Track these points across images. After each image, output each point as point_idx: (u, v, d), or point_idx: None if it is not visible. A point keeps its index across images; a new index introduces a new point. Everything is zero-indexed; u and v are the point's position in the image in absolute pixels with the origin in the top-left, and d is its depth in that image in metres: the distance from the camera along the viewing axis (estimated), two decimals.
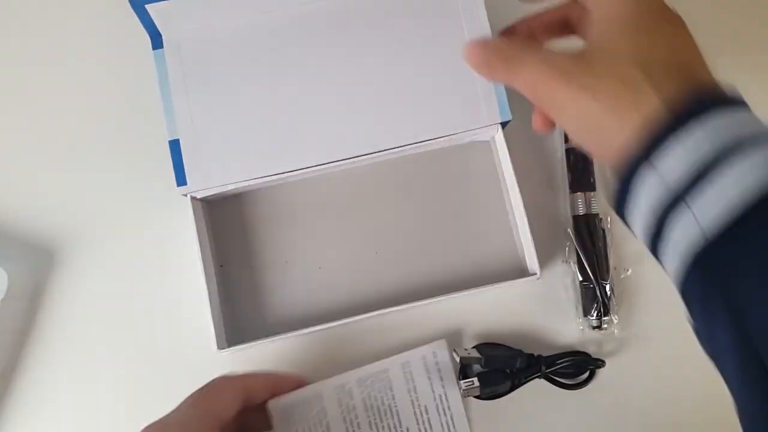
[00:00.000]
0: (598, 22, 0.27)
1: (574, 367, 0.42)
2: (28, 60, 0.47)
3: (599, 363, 0.42)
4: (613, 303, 0.42)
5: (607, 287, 0.42)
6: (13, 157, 0.46)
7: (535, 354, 0.42)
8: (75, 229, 0.45)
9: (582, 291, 0.43)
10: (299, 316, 0.43)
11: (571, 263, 0.43)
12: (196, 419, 0.33)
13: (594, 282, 0.42)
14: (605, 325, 0.42)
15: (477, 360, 0.41)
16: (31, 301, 0.44)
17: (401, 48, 0.42)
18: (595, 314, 0.42)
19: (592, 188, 0.44)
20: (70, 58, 0.47)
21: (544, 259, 0.42)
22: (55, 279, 0.44)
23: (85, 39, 0.47)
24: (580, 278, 0.43)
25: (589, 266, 0.42)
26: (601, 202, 0.44)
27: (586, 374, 0.42)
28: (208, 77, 0.42)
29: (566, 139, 0.45)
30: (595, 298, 0.42)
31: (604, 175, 0.44)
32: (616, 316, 0.43)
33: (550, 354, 0.42)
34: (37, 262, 0.44)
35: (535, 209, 0.42)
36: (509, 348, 0.42)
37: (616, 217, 0.42)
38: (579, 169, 0.44)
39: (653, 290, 0.44)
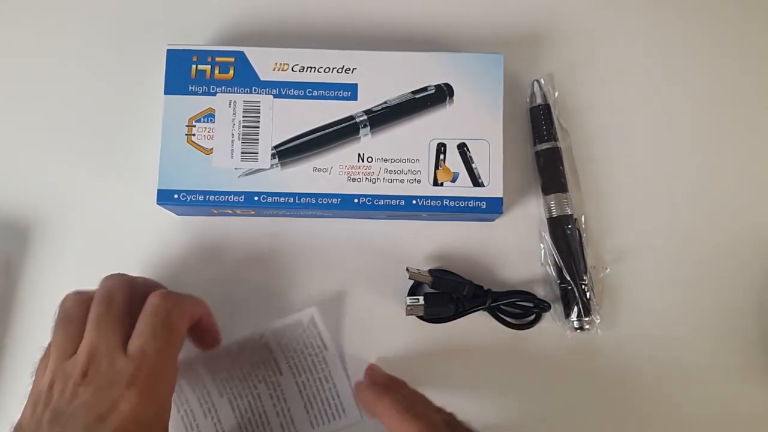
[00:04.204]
0: None
1: (524, 309, 0.43)
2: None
3: (544, 305, 0.42)
4: (593, 303, 0.42)
5: (586, 287, 0.42)
6: None
7: (485, 287, 0.43)
8: (50, 207, 0.44)
9: (561, 293, 0.43)
10: None
11: (548, 266, 0.44)
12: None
13: (572, 283, 0.42)
14: (587, 326, 0.42)
15: (426, 279, 0.42)
16: (4, 278, 0.43)
17: None
18: (575, 315, 0.42)
19: (564, 189, 0.44)
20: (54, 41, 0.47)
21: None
22: (28, 257, 0.44)
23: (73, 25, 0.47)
24: (558, 281, 0.43)
25: (566, 268, 0.43)
26: (573, 202, 0.44)
27: (532, 317, 0.43)
28: None
29: (534, 142, 0.45)
30: (575, 300, 0.42)
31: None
32: (598, 316, 0.43)
33: (500, 290, 0.43)
34: (9, 239, 0.44)
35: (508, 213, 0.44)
36: (460, 276, 0.43)
37: (591, 216, 0.45)
38: (549, 171, 0.44)
39: (634, 287, 0.44)
